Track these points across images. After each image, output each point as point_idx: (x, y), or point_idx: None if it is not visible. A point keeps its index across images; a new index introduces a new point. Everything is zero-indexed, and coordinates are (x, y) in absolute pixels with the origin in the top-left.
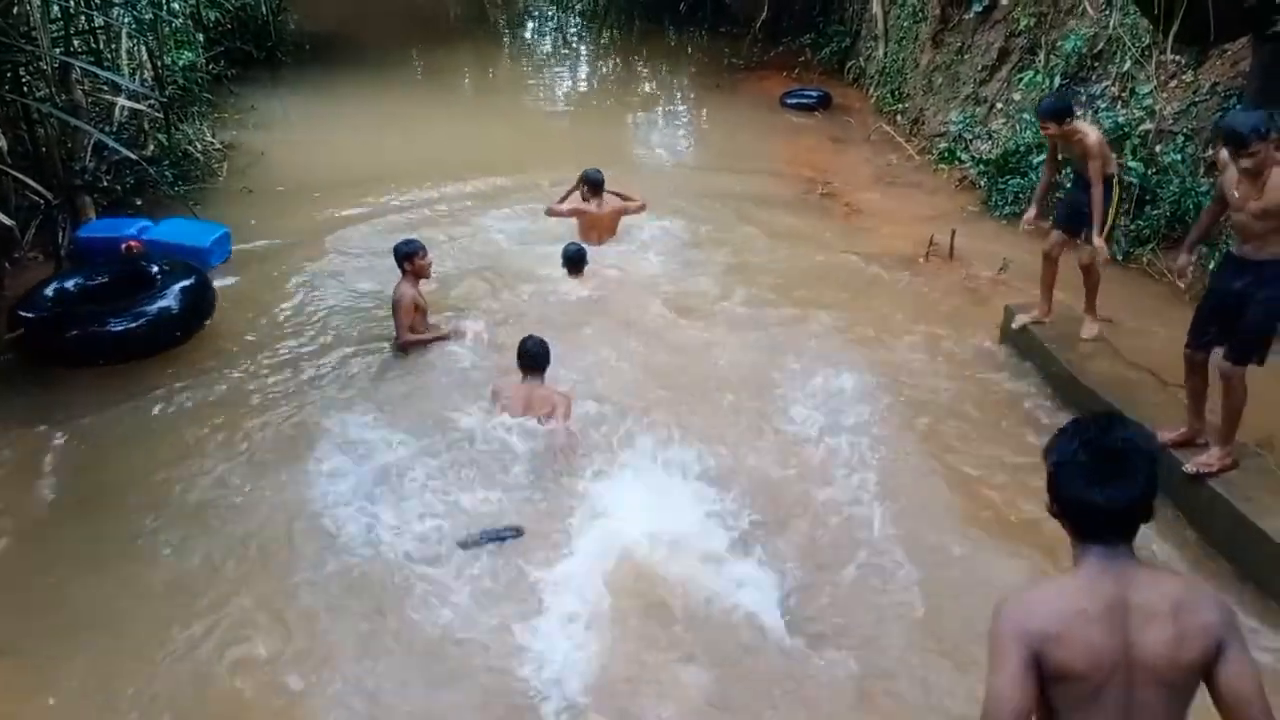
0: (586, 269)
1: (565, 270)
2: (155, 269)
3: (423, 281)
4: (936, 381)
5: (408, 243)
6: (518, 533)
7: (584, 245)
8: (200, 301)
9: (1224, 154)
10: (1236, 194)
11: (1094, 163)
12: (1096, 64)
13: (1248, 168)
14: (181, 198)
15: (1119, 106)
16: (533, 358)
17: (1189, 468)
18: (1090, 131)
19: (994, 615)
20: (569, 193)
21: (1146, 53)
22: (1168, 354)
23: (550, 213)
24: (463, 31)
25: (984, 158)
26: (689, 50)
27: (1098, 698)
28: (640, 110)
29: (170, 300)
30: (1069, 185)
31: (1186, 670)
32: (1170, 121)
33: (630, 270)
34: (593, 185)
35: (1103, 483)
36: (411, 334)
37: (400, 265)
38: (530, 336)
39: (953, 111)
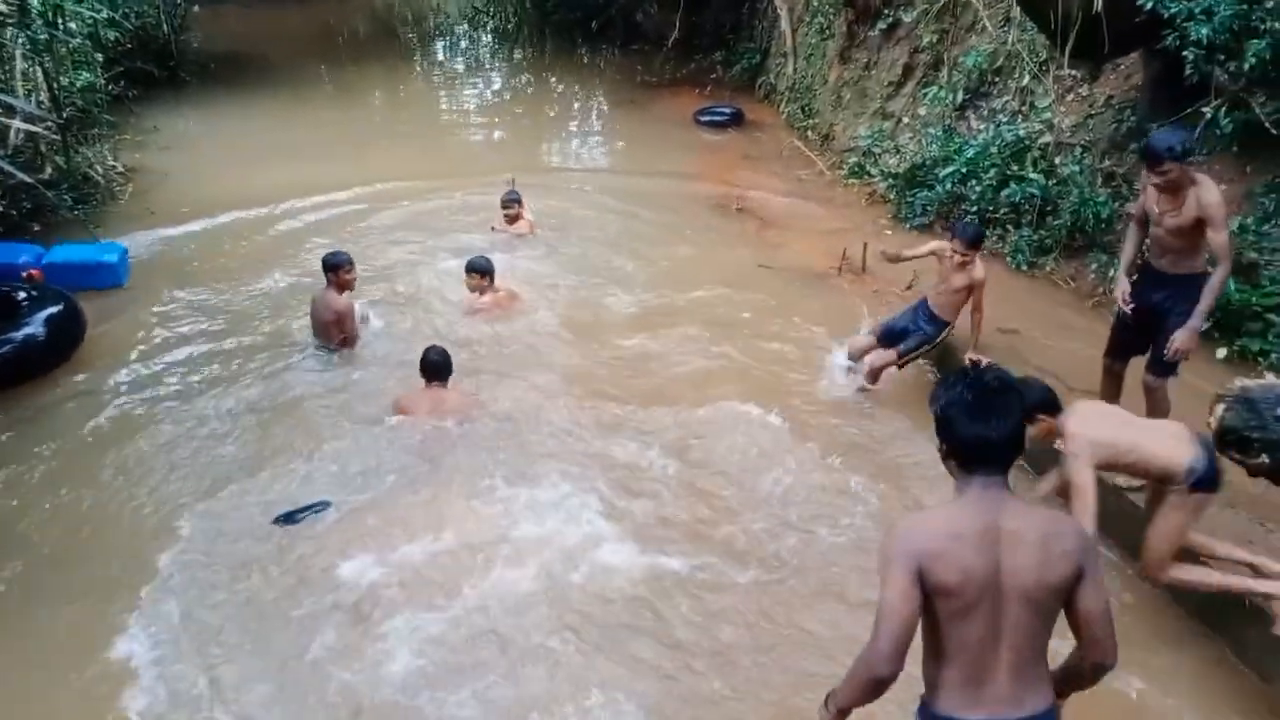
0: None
1: (471, 281)
2: (22, 295)
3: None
4: (847, 390)
5: (336, 254)
6: (325, 505)
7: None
8: (69, 328)
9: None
10: (1156, 209)
11: None
12: (997, 79)
13: (1158, 184)
14: (81, 221)
15: (1019, 120)
16: (435, 366)
17: (1120, 481)
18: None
19: (885, 536)
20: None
21: (1044, 67)
22: (1071, 360)
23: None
24: (372, 50)
25: (892, 171)
26: (602, 67)
27: (970, 612)
28: (554, 127)
29: (36, 327)
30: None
31: (1050, 591)
32: (1068, 134)
33: (540, 283)
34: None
35: (987, 417)
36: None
37: (327, 275)
38: (432, 346)
39: (861, 126)
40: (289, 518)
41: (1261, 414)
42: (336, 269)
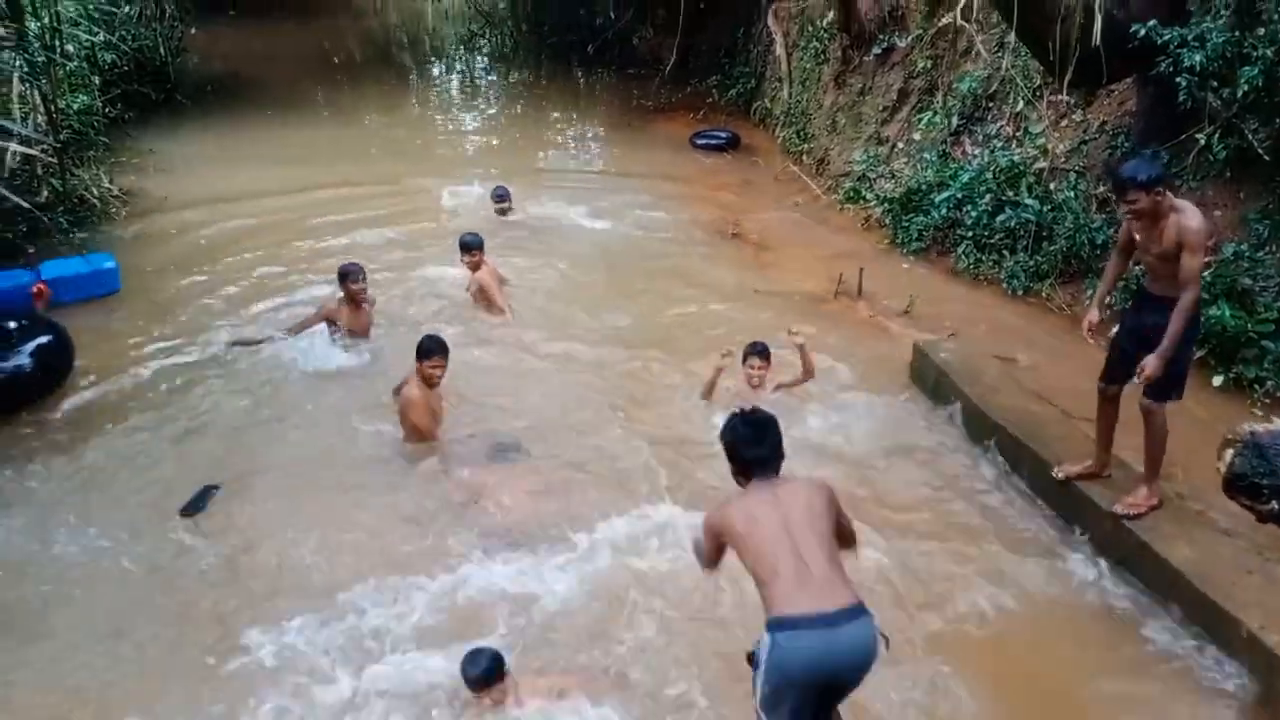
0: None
1: (467, 259)
2: (12, 324)
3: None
4: (847, 418)
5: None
6: (216, 488)
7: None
8: (58, 358)
9: None
10: (1139, 236)
11: None
12: (991, 104)
13: (1126, 213)
14: (77, 245)
15: (1014, 145)
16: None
17: (1118, 509)
18: None
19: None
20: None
21: (1038, 93)
22: (1068, 386)
23: None
24: (369, 72)
25: (888, 196)
26: (598, 91)
27: (770, 543)
28: (550, 150)
29: (24, 358)
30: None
31: (822, 512)
32: (1063, 159)
33: (530, 303)
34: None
35: (760, 442)
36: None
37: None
38: (428, 335)
39: (856, 151)
40: (195, 507)
41: (1270, 461)
42: (342, 279)
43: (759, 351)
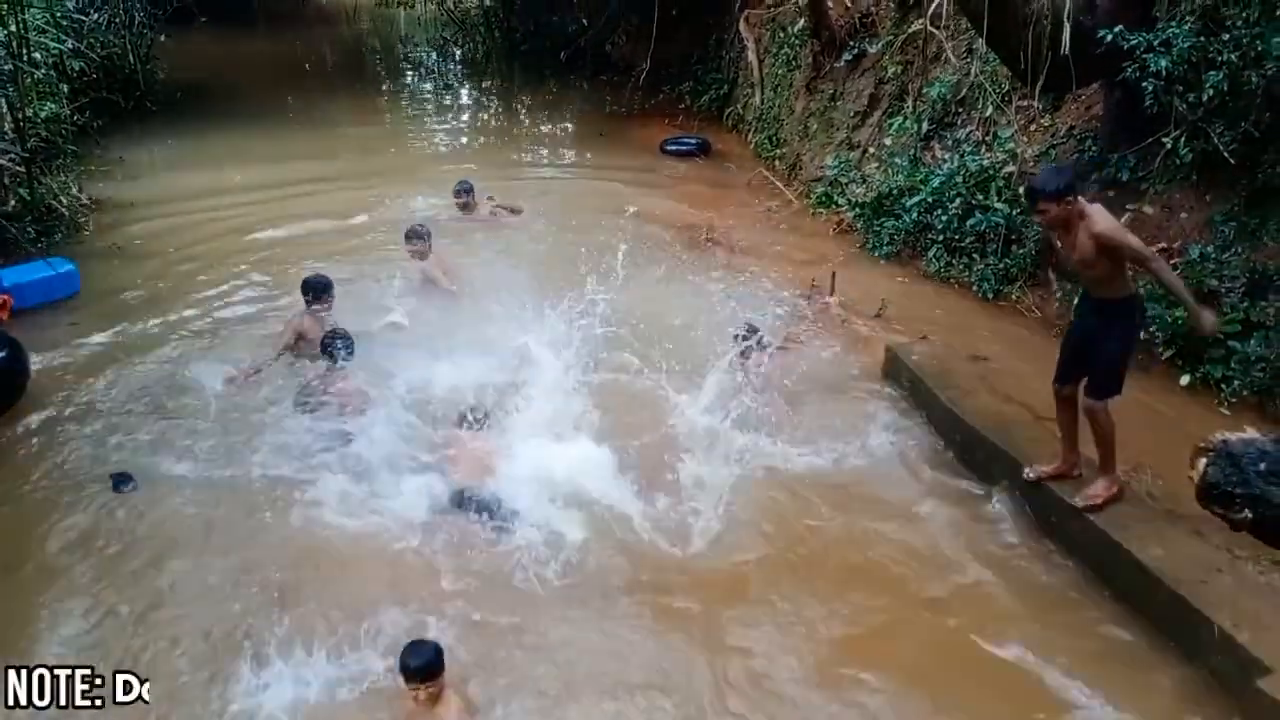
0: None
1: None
2: None
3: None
4: (819, 421)
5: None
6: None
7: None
8: (13, 373)
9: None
10: (1060, 244)
11: None
12: (961, 109)
13: (1041, 223)
14: (45, 255)
15: (983, 150)
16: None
17: (1078, 501)
18: None
19: None
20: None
21: (1007, 98)
22: (1038, 388)
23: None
24: (340, 79)
25: (859, 201)
26: (571, 98)
27: None
28: (521, 158)
29: None
30: None
31: None
32: (1031, 164)
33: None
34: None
35: None
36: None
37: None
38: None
39: (828, 156)
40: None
41: (1244, 469)
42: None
43: (761, 341)
